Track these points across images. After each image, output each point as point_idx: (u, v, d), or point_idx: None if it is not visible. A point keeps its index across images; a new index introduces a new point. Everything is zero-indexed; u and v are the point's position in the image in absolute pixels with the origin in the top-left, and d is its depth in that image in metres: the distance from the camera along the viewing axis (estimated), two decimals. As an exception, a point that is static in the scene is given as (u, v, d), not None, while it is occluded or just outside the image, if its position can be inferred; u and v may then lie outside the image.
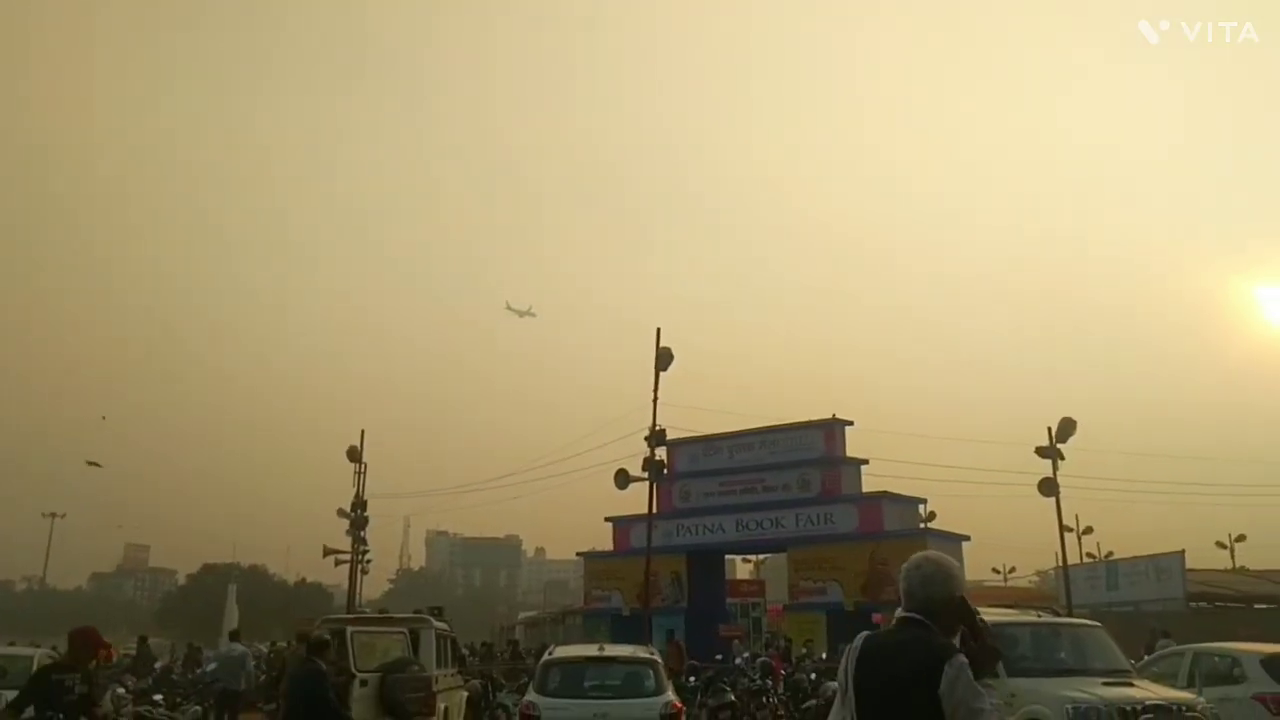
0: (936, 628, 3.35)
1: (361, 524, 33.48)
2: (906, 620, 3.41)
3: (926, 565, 3.47)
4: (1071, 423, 25.04)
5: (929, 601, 3.39)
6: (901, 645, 3.34)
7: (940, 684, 3.14)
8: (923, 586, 3.42)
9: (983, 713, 3.16)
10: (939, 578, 3.42)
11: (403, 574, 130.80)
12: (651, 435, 25.96)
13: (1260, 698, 11.66)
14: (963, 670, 3.17)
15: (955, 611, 3.41)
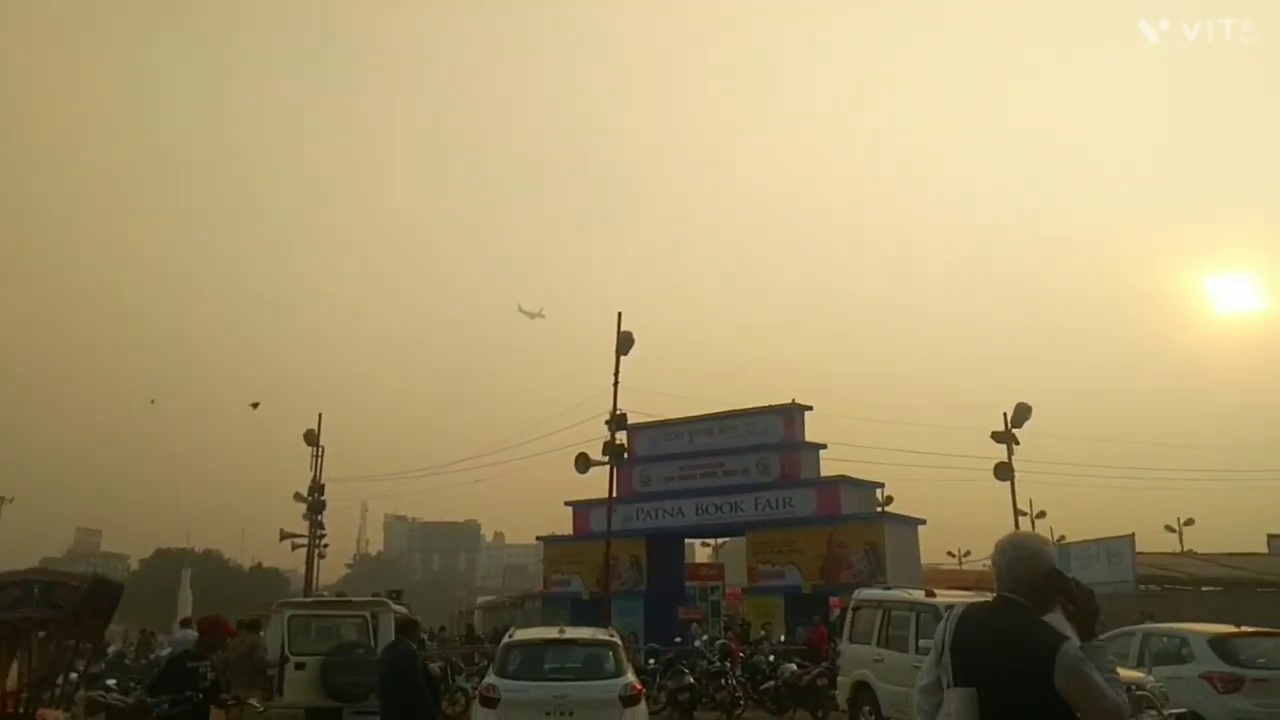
0: (1031, 604, 3.49)
1: (319, 508, 33.25)
2: (1003, 600, 3.56)
3: (1010, 549, 3.63)
4: (1027, 408, 25.42)
5: (1020, 582, 3.53)
6: (1004, 624, 3.47)
7: (1055, 673, 3.26)
8: (1010, 567, 3.57)
9: (1103, 694, 3.27)
10: (1024, 558, 3.56)
11: (360, 558, 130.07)
12: (612, 419, 25.98)
13: (1207, 676, 11.91)
14: (1075, 657, 3.29)
15: (1047, 585, 3.53)
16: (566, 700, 10.85)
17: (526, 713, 10.81)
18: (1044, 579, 3.53)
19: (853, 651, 14.19)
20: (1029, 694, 3.32)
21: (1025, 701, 3.34)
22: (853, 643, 14.31)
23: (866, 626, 13.99)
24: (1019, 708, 3.36)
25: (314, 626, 13.87)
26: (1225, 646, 12.26)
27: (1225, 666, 11.95)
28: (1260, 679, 11.82)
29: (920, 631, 12.60)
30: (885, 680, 13.08)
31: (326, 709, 12.71)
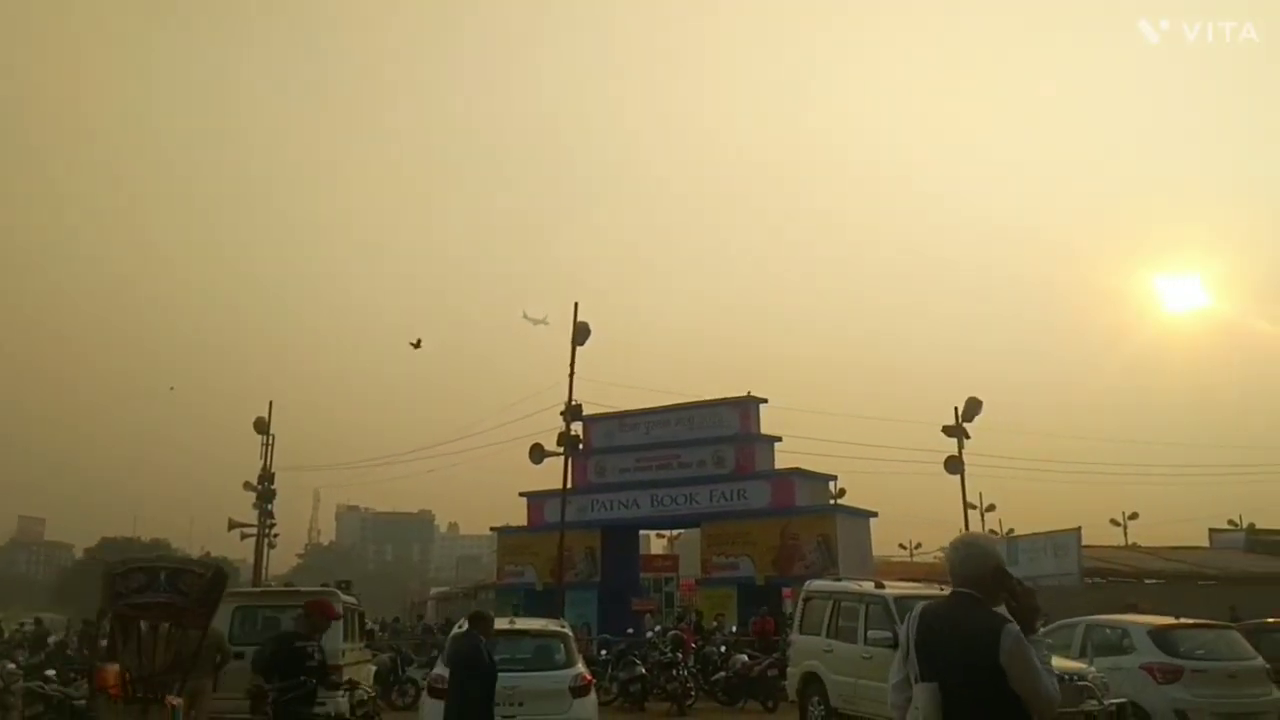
0: (983, 596, 3.80)
1: (268, 497, 32.90)
2: (957, 594, 3.88)
3: (963, 547, 3.97)
4: (977, 403, 25.74)
5: (970, 578, 3.85)
6: (958, 617, 3.79)
7: (999, 653, 3.59)
8: (963, 565, 3.89)
9: (1037, 677, 3.60)
10: (975, 556, 3.89)
11: (312, 549, 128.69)
12: (567, 410, 25.91)
13: (1147, 667, 12.15)
14: (1017, 639, 3.62)
15: (994, 581, 3.83)
16: (516, 691, 10.80)
17: (475, 703, 10.74)
18: (991, 576, 3.83)
19: (803, 642, 14.28)
20: (984, 681, 3.60)
21: (981, 688, 3.61)
22: (803, 634, 14.40)
23: (817, 618, 14.08)
24: (976, 695, 3.63)
25: (260, 617, 13.70)
26: (1165, 638, 12.50)
27: (1165, 658, 12.19)
28: (1198, 670, 12.09)
29: (869, 623, 12.72)
30: (834, 671, 13.19)
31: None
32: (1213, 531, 41.03)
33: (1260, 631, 14.37)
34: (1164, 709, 11.82)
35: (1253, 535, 39.10)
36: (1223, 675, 12.25)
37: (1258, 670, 12.39)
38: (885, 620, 12.39)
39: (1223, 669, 12.30)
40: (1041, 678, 3.61)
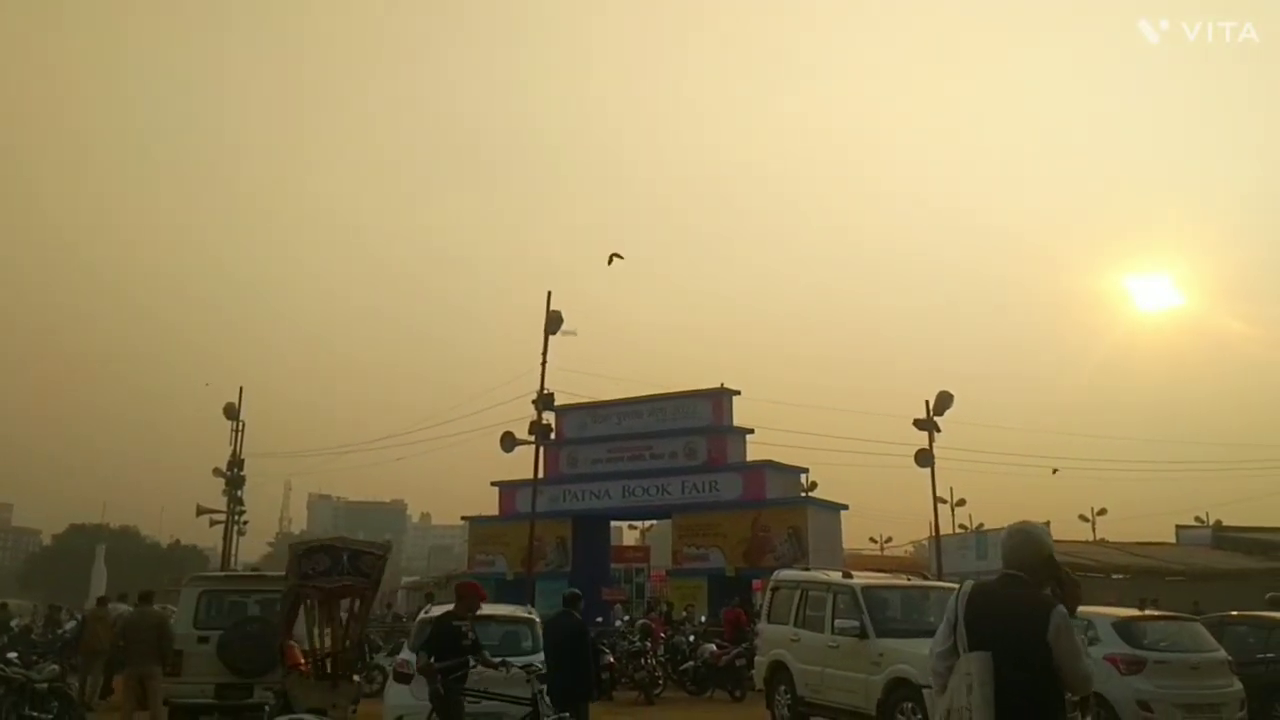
0: (1031, 580, 4.13)
1: (238, 483, 32.60)
2: (1007, 576, 4.19)
3: (1016, 535, 4.27)
4: (948, 396, 25.82)
5: (1024, 563, 4.17)
6: (1010, 595, 4.12)
7: (1048, 630, 3.92)
8: (1017, 550, 4.21)
9: (1080, 655, 3.95)
10: (1030, 543, 4.20)
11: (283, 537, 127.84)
12: (539, 399, 25.81)
13: (1111, 659, 12.21)
14: (1065, 619, 3.96)
15: (1044, 568, 4.16)
16: (482, 677, 10.74)
17: (441, 688, 10.68)
18: (1043, 563, 4.17)
19: (770, 631, 14.29)
20: (1030, 654, 3.93)
21: (1027, 661, 3.93)
22: (771, 623, 14.41)
23: (784, 607, 14.09)
24: (1023, 667, 3.93)
25: (226, 602, 13.55)
26: (1129, 629, 12.58)
27: (1128, 649, 12.26)
28: (1161, 661, 12.17)
29: (836, 612, 12.73)
30: (801, 660, 13.20)
31: (236, 685, 12.45)
32: (1179, 528, 41.46)
33: (1223, 624, 14.48)
34: (1127, 700, 11.88)
35: (1219, 532, 39.52)
36: (1185, 667, 12.34)
37: (1220, 662, 12.48)
38: (853, 609, 12.41)
39: (1185, 660, 12.39)
40: (1082, 657, 3.96)
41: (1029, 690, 3.94)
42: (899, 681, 11.34)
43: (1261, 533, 36.91)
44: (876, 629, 12.09)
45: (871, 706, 11.68)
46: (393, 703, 10.83)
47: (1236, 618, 15.28)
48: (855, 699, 12.06)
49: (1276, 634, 14.10)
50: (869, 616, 12.19)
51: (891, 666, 11.51)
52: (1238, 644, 13.59)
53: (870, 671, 11.83)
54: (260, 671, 12.44)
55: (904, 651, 11.43)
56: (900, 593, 13.40)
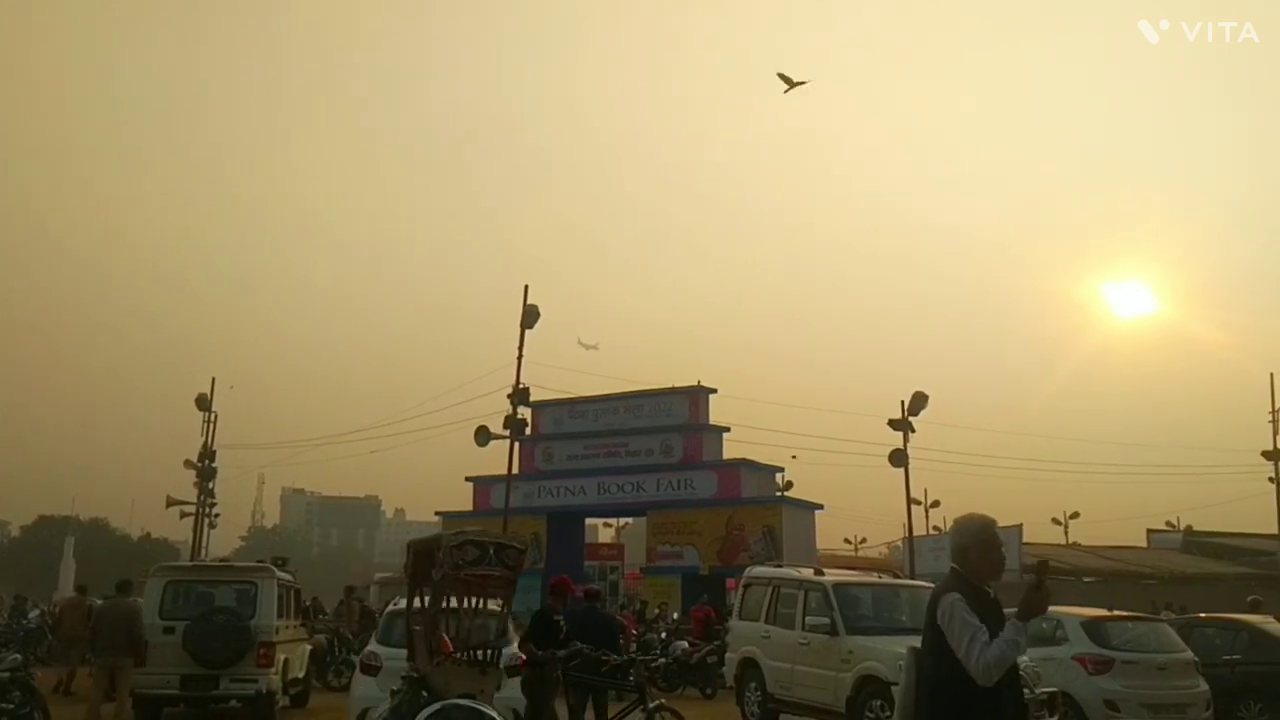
0: (966, 572, 4.20)
1: (209, 475, 32.29)
2: (950, 569, 4.30)
3: (957, 525, 4.39)
4: (923, 397, 25.89)
5: (952, 552, 4.30)
6: (934, 590, 4.33)
7: (938, 615, 4.07)
8: (950, 543, 4.36)
9: (961, 640, 3.94)
10: (961, 535, 4.30)
11: (255, 531, 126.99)
12: (514, 393, 25.71)
13: (1079, 658, 12.30)
14: (952, 604, 4.03)
15: (978, 559, 4.20)
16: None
17: (408, 681, 10.60)
18: (961, 552, 4.24)
19: (741, 628, 14.28)
20: (932, 639, 4.11)
21: (933, 646, 4.11)
22: (742, 619, 14.39)
23: (756, 604, 14.07)
24: (931, 651, 4.12)
25: (192, 592, 13.41)
26: (1097, 629, 12.67)
27: (1096, 649, 12.35)
28: (1128, 661, 12.28)
29: (807, 609, 12.71)
30: (771, 657, 13.18)
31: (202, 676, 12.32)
32: (1150, 532, 41.82)
33: (1191, 626, 14.60)
34: (1094, 699, 11.97)
35: (1189, 536, 39.90)
36: (1152, 667, 12.44)
37: (1186, 663, 12.59)
38: (824, 607, 12.40)
39: (1152, 661, 12.50)
40: (969, 644, 3.91)
41: (936, 675, 4.12)
42: (868, 679, 11.34)
43: (1231, 538, 37.29)
44: (847, 626, 12.08)
45: (841, 704, 11.67)
46: (359, 694, 10.72)
47: (1204, 619, 15.41)
48: (825, 696, 12.05)
49: (1243, 636, 14.22)
50: (840, 613, 12.18)
51: (861, 664, 11.51)
52: (1205, 645, 13.70)
53: (840, 669, 11.83)
54: (227, 663, 12.31)
55: (874, 649, 11.44)
56: (871, 590, 13.41)
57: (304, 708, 15.29)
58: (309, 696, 15.59)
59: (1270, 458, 28.75)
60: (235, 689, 12.44)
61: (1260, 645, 13.86)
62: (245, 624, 12.50)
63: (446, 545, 8.23)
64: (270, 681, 12.55)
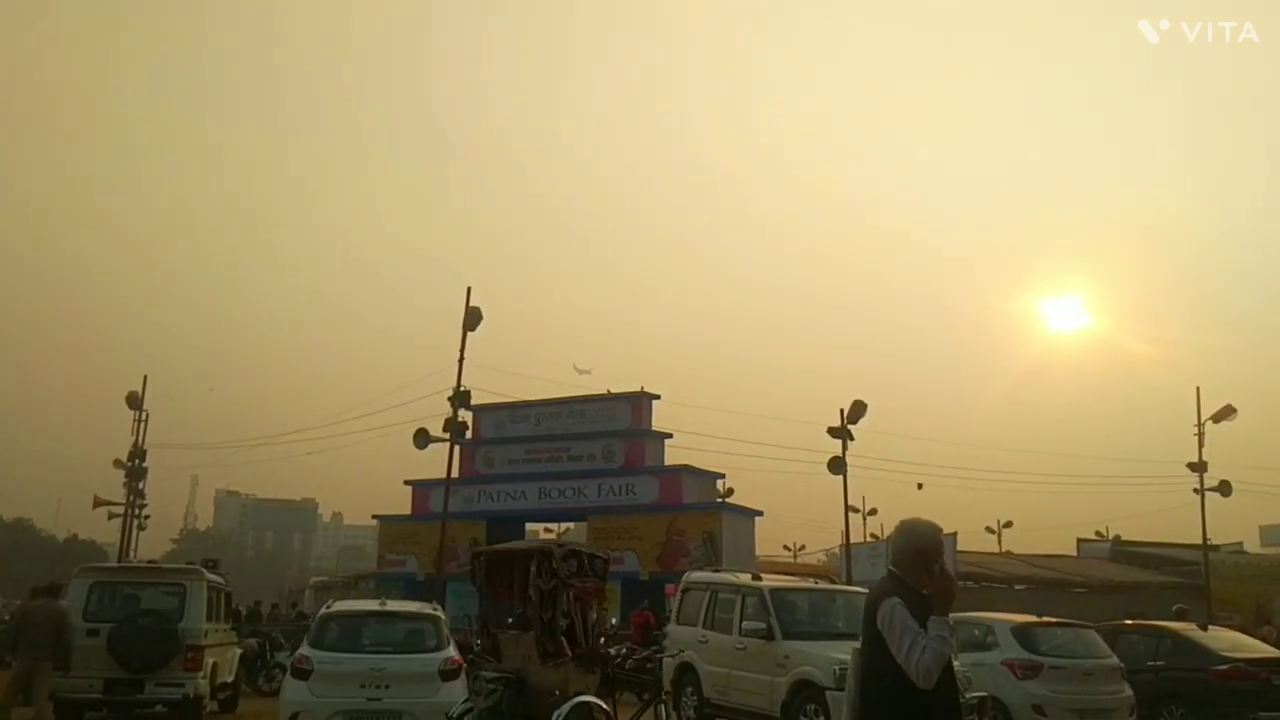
0: (904, 576, 4.21)
1: (139, 475, 31.56)
2: (888, 572, 4.33)
3: (898, 530, 4.42)
4: (862, 405, 26.19)
5: (895, 557, 4.32)
6: (874, 592, 4.31)
7: (878, 620, 4.08)
8: (893, 547, 4.40)
9: (902, 644, 3.97)
10: (899, 539, 4.35)
11: (187, 534, 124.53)
12: (455, 396, 25.50)
13: (1009, 663, 12.50)
14: (893, 609, 4.04)
15: (913, 562, 4.23)
16: (384, 673, 10.57)
17: (341, 685, 10.46)
18: (909, 557, 4.25)
19: (679, 633, 14.28)
20: (872, 643, 4.12)
21: (872, 649, 4.13)
22: (680, 624, 14.40)
23: (694, 608, 14.10)
24: (871, 655, 4.15)
25: (119, 594, 13.07)
26: (1026, 635, 12.88)
27: (1025, 654, 12.56)
28: (1056, 666, 12.49)
29: (745, 614, 12.76)
30: (708, 661, 13.20)
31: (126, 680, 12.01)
32: (1080, 541, 42.66)
33: (1117, 632, 14.91)
34: (1022, 704, 12.16)
35: (1117, 546, 40.78)
36: (1079, 672, 12.68)
37: (1112, 668, 12.86)
38: (760, 612, 12.45)
39: (1079, 666, 12.74)
40: (909, 647, 3.95)
41: (876, 679, 4.15)
42: (803, 683, 11.40)
43: (1157, 547, 38.16)
44: (784, 631, 12.14)
45: (776, 708, 11.72)
46: (290, 699, 10.53)
47: (1130, 626, 15.74)
48: (760, 701, 12.10)
49: (1166, 642, 14.56)
50: (776, 618, 12.24)
51: (797, 669, 11.57)
52: (1130, 652, 14.01)
53: (775, 673, 11.88)
54: (153, 667, 12.02)
55: (809, 654, 11.51)
56: (808, 596, 13.50)
57: (233, 713, 15.00)
58: (238, 701, 15.29)
59: (1195, 470, 29.45)
60: (161, 693, 12.16)
61: (1183, 651, 14.21)
62: (173, 627, 12.22)
63: (558, 556, 9.12)
64: (198, 686, 12.26)
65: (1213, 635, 14.92)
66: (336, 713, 10.27)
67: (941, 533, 4.44)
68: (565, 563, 9.08)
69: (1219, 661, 13.73)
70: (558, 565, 8.97)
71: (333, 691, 10.41)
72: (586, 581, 9.33)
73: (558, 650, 8.88)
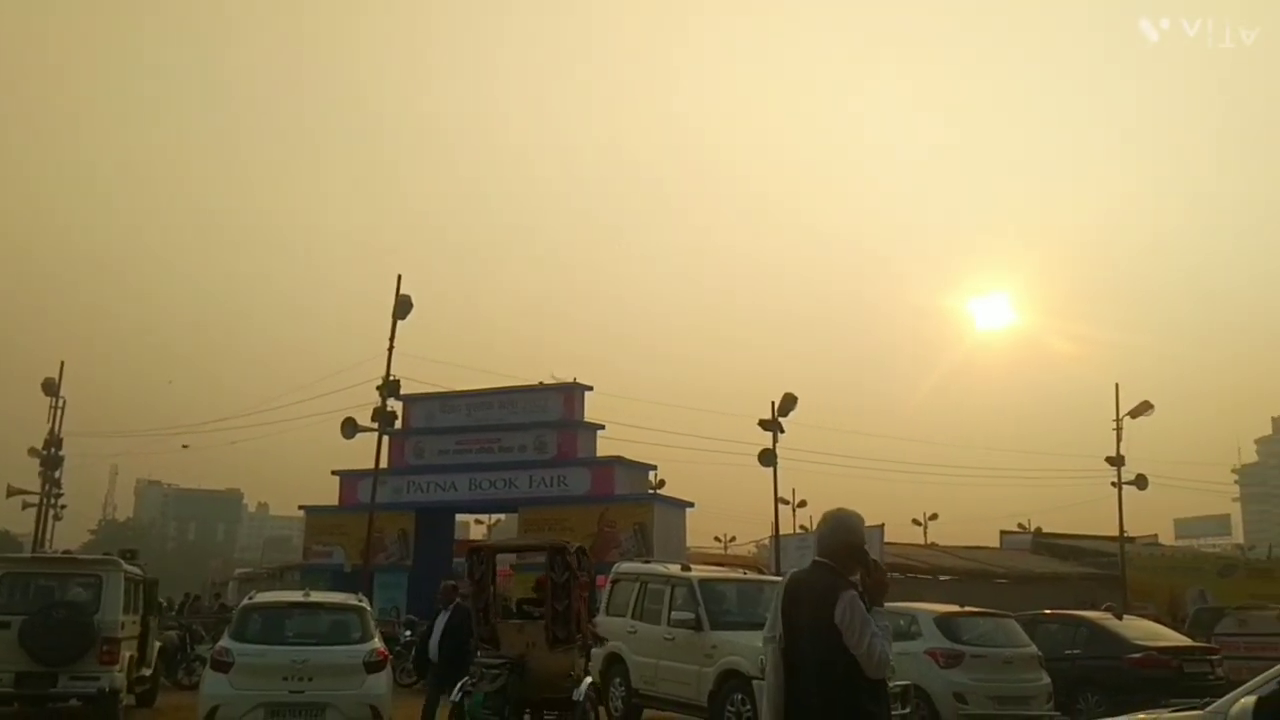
0: (838, 567, 4.25)
1: (55, 464, 30.66)
2: (816, 563, 4.34)
3: (828, 521, 4.41)
4: (793, 398, 26.45)
5: (832, 550, 4.30)
6: (813, 583, 4.29)
7: (836, 612, 4.06)
8: (824, 539, 4.37)
9: (864, 636, 4.03)
10: (836, 531, 4.33)
11: (106, 524, 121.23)
12: (384, 385, 25.18)
13: (931, 652, 12.75)
14: (852, 601, 4.09)
15: (850, 555, 4.27)
16: (307, 665, 10.38)
17: (261, 678, 10.26)
18: (846, 549, 4.29)
19: (608, 623, 14.28)
20: (824, 637, 4.08)
21: (822, 644, 4.10)
22: (609, 615, 14.40)
23: (623, 599, 14.11)
24: (819, 648, 4.12)
25: (31, 585, 12.67)
26: (949, 625, 13.16)
27: (947, 643, 12.83)
28: (977, 655, 12.79)
29: (674, 604, 12.80)
30: (637, 652, 13.21)
31: (39, 674, 11.64)
32: (1003, 533, 43.63)
33: (1036, 622, 15.29)
34: (944, 691, 12.42)
35: (1038, 538, 41.79)
36: (999, 661, 13.00)
37: (1030, 657, 13.19)
38: (689, 602, 12.50)
39: (999, 655, 13.06)
40: (870, 639, 4.04)
41: (823, 671, 4.14)
42: (731, 673, 11.48)
43: (1076, 539, 39.21)
44: (712, 621, 12.20)
45: (703, 698, 11.79)
46: (209, 692, 10.30)
47: (1049, 616, 16.16)
48: (688, 691, 12.15)
49: (1083, 631, 14.97)
50: (705, 608, 12.29)
51: (724, 658, 11.64)
52: (1048, 640, 14.38)
53: (703, 663, 11.94)
54: (67, 660, 11.68)
55: (737, 643, 11.58)
56: (736, 586, 13.60)
57: (151, 706, 14.68)
58: (157, 695, 14.95)
59: (1113, 464, 30.29)
60: (75, 687, 11.83)
61: (1098, 640, 14.64)
62: (88, 619, 11.89)
63: (571, 551, 10.00)
64: (114, 680, 11.95)
65: (1127, 624, 15.39)
66: (257, 706, 10.06)
67: (864, 522, 4.48)
68: (577, 558, 10.01)
69: (1132, 650, 14.18)
70: (570, 560, 9.81)
71: (254, 684, 10.20)
72: (582, 575, 10.11)
73: (567, 637, 9.67)
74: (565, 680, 9.71)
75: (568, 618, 9.70)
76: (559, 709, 9.78)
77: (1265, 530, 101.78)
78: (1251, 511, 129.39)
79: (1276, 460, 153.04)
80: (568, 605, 9.74)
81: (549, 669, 9.54)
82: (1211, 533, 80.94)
